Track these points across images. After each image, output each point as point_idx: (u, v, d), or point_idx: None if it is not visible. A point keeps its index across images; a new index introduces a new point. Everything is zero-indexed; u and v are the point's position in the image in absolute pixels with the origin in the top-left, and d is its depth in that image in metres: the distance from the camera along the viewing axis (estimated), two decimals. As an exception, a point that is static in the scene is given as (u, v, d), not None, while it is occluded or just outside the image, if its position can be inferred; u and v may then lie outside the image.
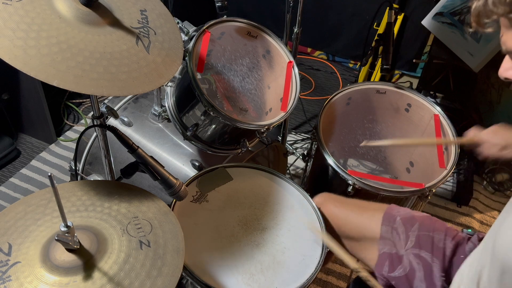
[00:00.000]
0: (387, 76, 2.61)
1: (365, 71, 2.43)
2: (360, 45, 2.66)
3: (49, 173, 0.69)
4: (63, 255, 0.79)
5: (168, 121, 1.52)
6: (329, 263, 1.82)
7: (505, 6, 0.70)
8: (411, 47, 2.68)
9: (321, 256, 1.16)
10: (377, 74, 2.28)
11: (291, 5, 1.76)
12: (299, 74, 1.47)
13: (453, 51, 2.18)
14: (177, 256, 0.89)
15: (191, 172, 1.46)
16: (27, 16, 0.81)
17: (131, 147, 0.97)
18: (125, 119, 1.55)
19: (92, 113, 1.05)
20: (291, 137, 2.40)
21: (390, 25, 1.89)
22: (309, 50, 3.03)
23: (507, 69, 0.80)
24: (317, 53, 3.02)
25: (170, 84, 1.42)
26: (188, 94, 1.33)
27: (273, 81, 1.54)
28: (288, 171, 2.15)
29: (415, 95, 1.69)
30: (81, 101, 2.45)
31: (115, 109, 1.40)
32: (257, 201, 1.29)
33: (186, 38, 1.33)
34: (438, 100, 2.61)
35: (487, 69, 2.10)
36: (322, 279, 1.80)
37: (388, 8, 2.00)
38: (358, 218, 1.23)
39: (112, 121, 1.54)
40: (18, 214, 0.89)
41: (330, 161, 1.48)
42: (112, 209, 0.93)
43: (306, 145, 2.36)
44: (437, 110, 1.64)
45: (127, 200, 0.96)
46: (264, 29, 1.47)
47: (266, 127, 1.36)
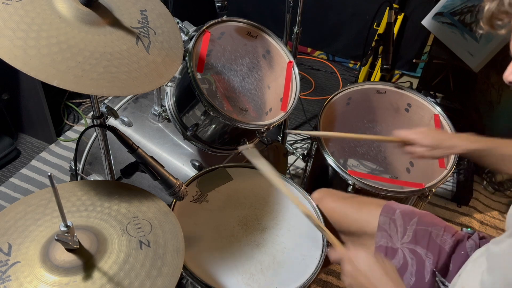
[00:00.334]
0: (387, 76, 2.61)
1: (365, 71, 2.43)
2: (360, 45, 2.66)
3: (49, 173, 0.69)
4: (63, 255, 0.79)
5: (168, 121, 1.52)
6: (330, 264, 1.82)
7: None
8: (411, 47, 2.68)
9: (321, 256, 1.16)
10: (377, 74, 2.28)
11: (291, 5, 1.76)
12: (299, 74, 1.47)
13: (453, 51, 2.18)
14: (177, 256, 0.89)
15: (191, 172, 1.46)
16: (27, 16, 0.81)
17: (131, 147, 0.97)
18: (125, 119, 1.55)
19: (92, 113, 1.05)
20: (291, 137, 2.39)
21: (390, 25, 1.89)
22: (309, 50, 3.03)
23: None
24: (317, 53, 3.02)
25: (170, 84, 1.42)
26: (188, 94, 1.33)
27: (273, 81, 1.54)
28: (288, 171, 2.15)
29: (415, 95, 1.69)
30: (81, 101, 2.45)
31: (115, 109, 1.40)
32: (257, 201, 1.29)
33: (186, 38, 1.33)
34: (438, 100, 2.61)
35: (487, 69, 2.10)
36: (322, 279, 1.80)
37: (388, 8, 2.00)
38: (357, 213, 1.24)
39: (112, 121, 1.54)
40: (18, 214, 0.89)
41: (330, 161, 1.48)
42: (112, 209, 0.93)
43: (306, 145, 2.36)
44: (437, 110, 1.64)
45: (127, 200, 0.96)
46: (264, 29, 1.47)
47: (266, 127, 1.36)
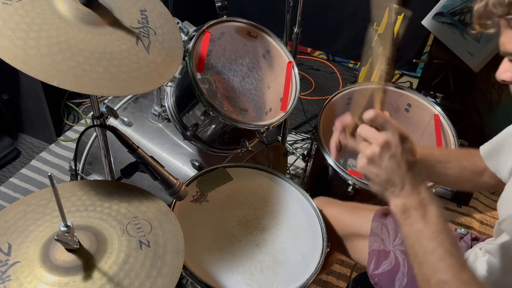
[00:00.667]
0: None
1: (365, 71, 2.43)
2: (360, 45, 2.65)
3: (49, 173, 0.69)
4: (62, 255, 0.79)
5: (168, 121, 1.52)
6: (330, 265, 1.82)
7: (504, 7, 0.71)
8: (411, 47, 2.68)
9: (321, 256, 1.16)
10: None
11: (291, 5, 1.76)
12: (299, 74, 1.47)
13: (453, 51, 2.18)
14: (177, 256, 0.89)
15: (191, 172, 1.46)
16: (27, 16, 0.81)
17: (131, 147, 0.97)
18: (125, 119, 1.55)
19: (92, 113, 1.05)
20: (291, 137, 2.39)
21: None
22: (309, 50, 3.03)
23: (505, 71, 0.79)
24: (317, 53, 3.02)
25: (170, 84, 1.42)
26: (188, 94, 1.33)
27: (273, 81, 1.54)
28: (288, 171, 2.15)
29: (415, 95, 1.69)
30: (81, 101, 2.45)
31: (115, 109, 1.40)
32: (257, 201, 1.29)
33: (186, 38, 1.33)
34: (438, 100, 2.61)
35: (487, 69, 2.10)
36: (322, 279, 1.80)
37: (388, 8, 2.00)
38: (351, 217, 1.25)
39: (112, 121, 1.54)
40: (18, 214, 0.89)
41: (330, 161, 1.48)
42: (112, 209, 0.93)
43: (306, 145, 2.36)
44: (437, 110, 1.64)
45: (127, 200, 0.96)
46: (264, 29, 1.47)
47: (266, 127, 1.36)
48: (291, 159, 2.24)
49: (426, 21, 2.22)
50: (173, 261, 0.87)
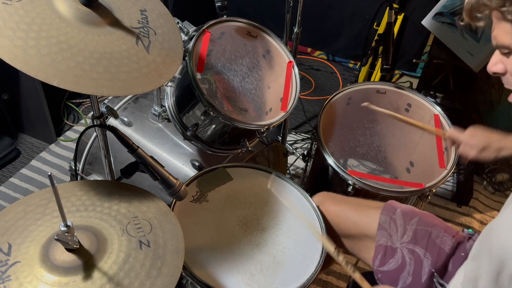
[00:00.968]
0: (387, 76, 2.61)
1: (365, 71, 2.43)
2: (360, 45, 2.67)
3: (49, 173, 0.69)
4: (62, 255, 0.79)
5: (168, 121, 1.52)
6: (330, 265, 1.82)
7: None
8: (411, 47, 2.67)
9: (321, 256, 1.16)
10: (377, 74, 2.28)
11: (291, 5, 1.76)
12: (299, 74, 1.47)
13: (453, 51, 2.18)
14: (177, 256, 0.89)
15: (191, 172, 1.46)
16: (27, 16, 0.81)
17: (131, 147, 0.97)
18: (125, 119, 1.55)
19: (92, 113, 1.05)
20: (291, 137, 2.39)
21: (390, 25, 1.89)
22: (309, 50, 3.03)
23: (495, 63, 0.80)
24: (317, 53, 3.02)
25: (170, 84, 1.42)
26: (188, 94, 1.33)
27: (273, 81, 1.54)
28: (288, 171, 2.15)
29: (415, 95, 1.69)
30: (81, 101, 2.46)
31: (115, 109, 1.40)
32: (257, 201, 1.29)
33: (186, 38, 1.33)
34: (438, 100, 2.61)
35: (487, 69, 2.10)
36: (322, 279, 1.80)
37: (388, 8, 2.00)
38: (357, 216, 1.23)
39: (112, 121, 1.54)
40: (18, 214, 0.89)
41: (330, 161, 1.48)
42: (112, 209, 0.93)
43: (306, 145, 2.36)
44: (437, 110, 1.64)
45: (127, 200, 0.96)
46: (264, 29, 1.47)
47: (266, 127, 1.36)
48: (291, 159, 2.24)
49: (426, 21, 2.22)
50: (173, 261, 0.87)
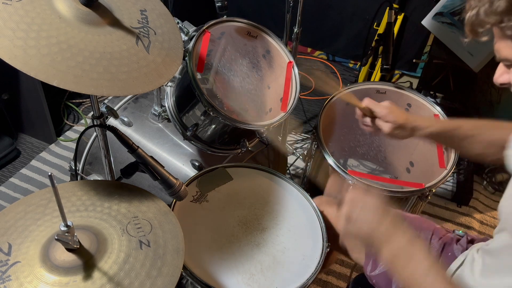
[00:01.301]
0: (387, 76, 2.60)
1: (365, 71, 2.43)
2: (360, 45, 2.66)
3: (49, 173, 0.69)
4: (63, 255, 0.79)
5: (168, 121, 1.52)
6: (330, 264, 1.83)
7: (496, 15, 0.73)
8: (411, 47, 2.67)
9: (321, 256, 1.16)
10: (377, 74, 2.28)
11: (291, 5, 1.76)
12: (299, 74, 1.47)
13: (453, 51, 2.18)
14: (177, 256, 0.89)
15: (191, 172, 1.46)
16: (27, 16, 0.81)
17: (131, 147, 0.97)
18: (125, 119, 1.55)
19: (92, 113, 1.05)
20: (291, 137, 2.39)
21: (390, 25, 1.89)
22: (309, 50, 3.03)
23: (501, 74, 0.83)
24: (317, 53, 3.02)
25: (170, 84, 1.42)
26: (188, 94, 1.33)
27: (273, 81, 1.54)
28: (288, 171, 2.15)
29: (415, 95, 1.69)
30: (81, 101, 2.46)
31: (115, 109, 1.40)
32: (257, 201, 1.29)
33: (186, 38, 1.33)
34: (438, 100, 2.61)
35: (487, 69, 2.10)
36: (322, 279, 1.80)
37: (388, 8, 2.00)
38: None
39: (112, 121, 1.54)
40: (18, 214, 0.89)
41: (330, 161, 1.48)
42: (112, 209, 0.93)
43: (306, 145, 2.36)
44: (437, 110, 1.64)
45: (127, 200, 0.96)
46: (264, 29, 1.47)
47: (266, 127, 1.36)
48: (291, 159, 2.24)
49: (426, 21, 2.22)
50: (173, 261, 0.87)
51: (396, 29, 2.46)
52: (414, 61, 2.70)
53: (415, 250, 0.83)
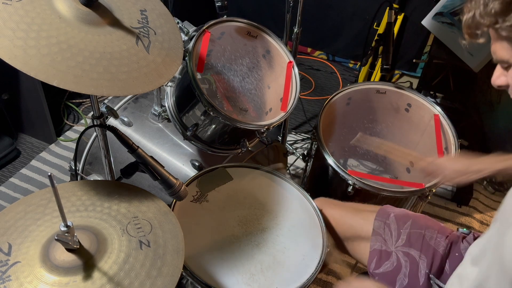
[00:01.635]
0: (387, 76, 2.61)
1: (365, 71, 2.43)
2: (360, 45, 2.66)
3: (49, 173, 0.69)
4: (63, 255, 0.79)
5: (168, 121, 1.52)
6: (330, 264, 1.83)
7: (491, 17, 0.73)
8: (411, 47, 2.68)
9: (321, 256, 1.16)
10: (377, 74, 2.28)
11: (291, 5, 1.76)
12: (299, 74, 1.47)
13: (453, 51, 2.18)
14: (177, 256, 0.89)
15: (191, 172, 1.46)
16: (27, 16, 0.81)
17: (131, 147, 0.97)
18: (125, 119, 1.55)
19: (92, 113, 1.05)
20: (291, 137, 2.39)
21: (390, 25, 1.89)
22: (309, 50, 3.03)
23: (498, 76, 0.83)
24: (317, 53, 3.02)
25: (170, 84, 1.42)
26: (188, 94, 1.33)
27: (273, 81, 1.54)
28: (288, 171, 2.15)
29: (415, 95, 1.69)
30: (81, 101, 2.45)
31: (115, 109, 1.40)
32: (257, 201, 1.29)
33: (186, 38, 1.33)
34: (438, 100, 2.60)
35: (487, 69, 2.09)
36: (322, 279, 1.80)
37: (388, 8, 2.00)
38: (353, 218, 1.25)
39: (112, 121, 1.54)
40: (18, 214, 0.89)
41: (330, 161, 1.48)
42: (112, 209, 0.93)
43: (306, 145, 2.36)
44: (437, 110, 1.64)
45: (127, 200, 0.96)
46: (264, 29, 1.47)
47: (266, 127, 1.36)
48: (291, 159, 2.24)
49: (426, 21, 2.22)
50: (173, 261, 0.87)
51: (396, 29, 2.47)
52: (414, 61, 2.70)
53: None
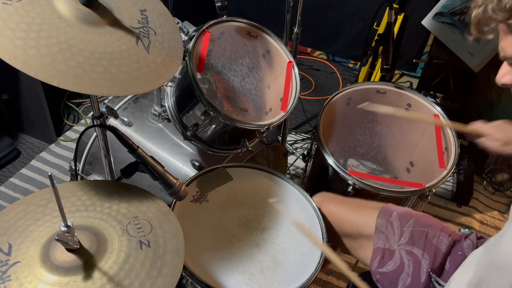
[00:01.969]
0: (387, 76, 2.61)
1: (365, 71, 2.43)
2: (360, 45, 2.66)
3: (49, 173, 0.69)
4: (63, 255, 0.79)
5: (168, 121, 1.52)
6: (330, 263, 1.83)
7: (505, 12, 0.71)
8: (411, 47, 2.68)
9: (321, 256, 1.16)
10: (377, 74, 2.28)
11: (291, 5, 1.76)
12: (299, 74, 1.47)
13: (453, 51, 2.18)
14: (177, 256, 0.89)
15: (191, 172, 1.46)
16: (27, 16, 0.81)
17: (131, 147, 0.97)
18: (125, 119, 1.55)
19: (92, 113, 1.05)
20: (291, 137, 2.40)
21: (390, 25, 1.89)
22: (309, 50, 3.03)
23: (504, 75, 0.81)
24: (317, 53, 3.02)
25: (170, 84, 1.42)
26: (188, 94, 1.33)
27: (273, 81, 1.54)
28: (288, 171, 2.15)
29: (415, 95, 1.69)
30: (81, 101, 2.45)
31: (115, 109, 1.40)
32: (257, 201, 1.29)
33: (186, 38, 1.33)
34: (438, 100, 2.60)
35: (487, 69, 2.10)
36: (322, 279, 1.80)
37: (388, 8, 2.00)
38: (355, 216, 1.24)
39: (112, 121, 1.54)
40: (18, 214, 0.89)
41: (330, 161, 1.48)
42: (112, 209, 0.93)
43: (306, 145, 2.36)
44: (437, 110, 1.64)
45: (127, 200, 0.96)
46: (264, 29, 1.47)
47: (266, 127, 1.36)
48: (291, 159, 2.24)
49: (426, 21, 2.22)
50: (173, 261, 0.87)
51: (396, 29, 2.47)
52: (414, 61, 2.70)
53: None
